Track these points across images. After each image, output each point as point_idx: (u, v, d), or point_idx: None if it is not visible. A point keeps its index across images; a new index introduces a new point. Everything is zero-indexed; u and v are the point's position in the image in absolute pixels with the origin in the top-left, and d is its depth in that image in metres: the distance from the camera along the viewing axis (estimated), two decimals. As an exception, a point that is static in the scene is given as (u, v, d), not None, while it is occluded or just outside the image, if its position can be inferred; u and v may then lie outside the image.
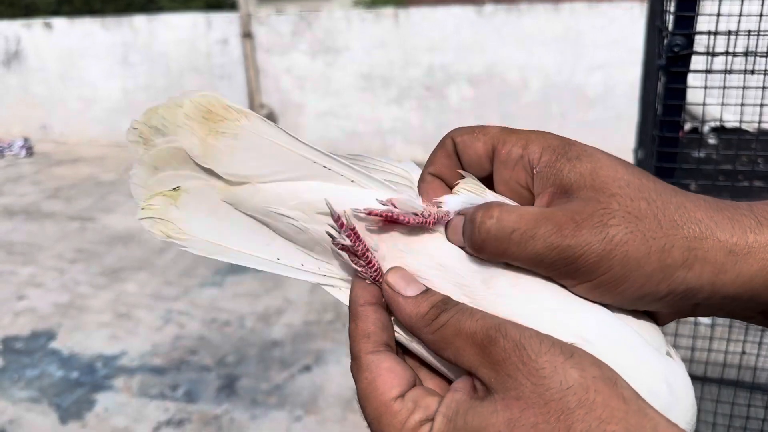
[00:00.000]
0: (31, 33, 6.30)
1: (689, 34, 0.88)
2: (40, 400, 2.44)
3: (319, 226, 0.39)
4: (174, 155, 0.39)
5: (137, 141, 0.39)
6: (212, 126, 0.38)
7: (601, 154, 0.35)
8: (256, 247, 0.40)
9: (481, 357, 0.33)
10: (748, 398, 1.32)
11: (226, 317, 2.95)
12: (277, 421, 2.27)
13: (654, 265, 0.33)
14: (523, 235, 0.34)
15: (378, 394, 0.34)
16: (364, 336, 0.36)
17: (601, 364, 0.32)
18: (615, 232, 0.33)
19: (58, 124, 6.53)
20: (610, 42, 4.70)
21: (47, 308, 3.11)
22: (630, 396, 0.31)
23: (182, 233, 0.40)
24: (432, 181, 0.40)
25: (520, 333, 0.32)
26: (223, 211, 0.40)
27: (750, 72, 0.92)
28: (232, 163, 0.39)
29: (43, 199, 4.77)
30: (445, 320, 0.34)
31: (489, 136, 0.38)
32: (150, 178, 0.40)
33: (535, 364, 0.31)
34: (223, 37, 5.54)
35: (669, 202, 0.34)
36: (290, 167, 0.39)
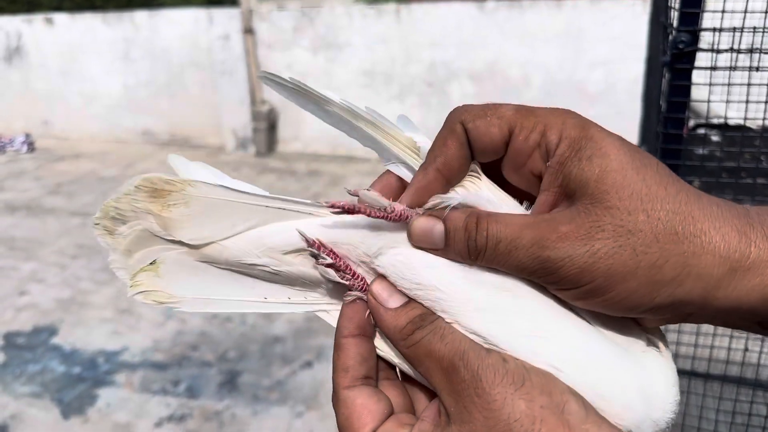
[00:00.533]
0: (32, 28, 6.29)
1: (694, 30, 0.88)
2: (42, 396, 2.44)
3: (290, 267, 0.41)
4: (140, 237, 0.42)
5: (104, 233, 0.42)
6: (162, 201, 0.41)
7: (616, 153, 0.34)
8: (242, 292, 0.43)
9: (445, 383, 0.34)
10: (751, 395, 1.32)
11: (228, 313, 2.95)
12: (279, 417, 2.27)
13: (641, 280, 0.33)
14: (508, 245, 0.34)
15: (353, 430, 0.36)
16: (343, 370, 0.38)
17: (551, 391, 0.32)
18: (600, 246, 0.32)
19: (60, 119, 6.52)
20: (612, 38, 4.69)
21: (49, 304, 3.11)
22: (575, 423, 0.31)
23: (172, 297, 0.42)
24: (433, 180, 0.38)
25: (479, 363, 0.33)
26: (201, 269, 0.43)
27: (755, 69, 0.91)
28: (191, 229, 0.42)
29: (45, 195, 4.78)
30: (419, 338, 0.36)
31: (504, 120, 0.37)
32: (128, 260, 0.43)
33: (488, 396, 0.32)
34: (225, 33, 5.53)
35: (675, 213, 0.33)
36: (245, 218, 0.42)
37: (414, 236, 0.38)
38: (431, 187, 0.38)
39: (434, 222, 0.37)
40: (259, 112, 5.50)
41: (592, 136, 0.34)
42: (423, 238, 0.37)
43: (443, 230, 0.37)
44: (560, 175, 0.35)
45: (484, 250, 0.35)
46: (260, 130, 5.54)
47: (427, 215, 0.38)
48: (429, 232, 0.37)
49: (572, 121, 0.35)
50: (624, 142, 0.35)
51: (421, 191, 0.38)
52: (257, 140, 5.59)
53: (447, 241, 0.37)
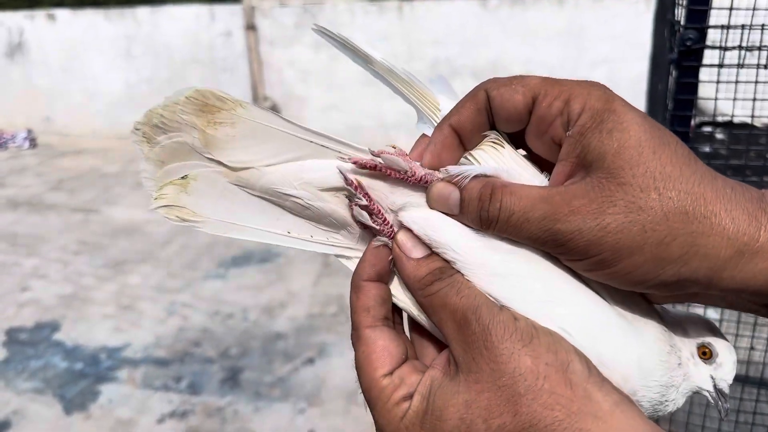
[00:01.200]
0: (34, 24, 6.29)
1: (702, 28, 0.88)
2: (45, 392, 2.44)
3: (323, 203, 0.41)
4: (178, 149, 0.41)
5: (142, 141, 0.41)
6: (210, 117, 0.40)
7: (636, 129, 0.34)
8: (267, 223, 0.43)
9: (456, 334, 0.35)
10: (756, 394, 1.32)
11: (230, 310, 2.95)
12: (281, 414, 2.27)
13: (647, 256, 0.33)
14: (520, 218, 0.36)
15: (371, 369, 0.37)
16: (364, 310, 0.39)
17: (557, 350, 0.34)
18: (610, 221, 0.33)
19: (62, 116, 6.52)
20: (614, 37, 4.68)
21: (51, 300, 3.12)
22: (578, 381, 0.32)
23: (196, 216, 0.41)
24: (448, 136, 0.39)
25: (491, 318, 0.34)
26: (231, 193, 0.42)
27: (762, 66, 0.91)
28: (233, 151, 0.41)
29: (47, 191, 4.78)
30: (436, 290, 0.37)
31: (529, 88, 0.37)
32: (159, 171, 0.41)
33: (496, 350, 0.33)
34: (227, 30, 5.52)
35: (687, 193, 0.33)
36: (289, 149, 0.41)
37: (432, 200, 0.39)
38: (447, 143, 0.39)
39: (451, 189, 0.38)
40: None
41: (615, 110, 0.35)
42: (440, 204, 0.39)
43: (459, 198, 0.38)
44: (579, 145, 0.35)
45: (496, 221, 0.37)
46: (262, 127, 5.53)
47: (445, 181, 0.39)
48: (446, 198, 0.38)
49: (597, 93, 0.36)
50: (646, 119, 0.35)
51: (439, 148, 0.39)
52: (259, 137, 5.58)
53: (462, 209, 0.38)
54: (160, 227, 3.96)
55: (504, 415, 0.32)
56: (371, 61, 0.43)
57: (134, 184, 4.83)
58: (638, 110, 0.36)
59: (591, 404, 0.32)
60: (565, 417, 0.31)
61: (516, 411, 0.32)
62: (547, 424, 0.31)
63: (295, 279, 3.20)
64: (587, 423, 0.31)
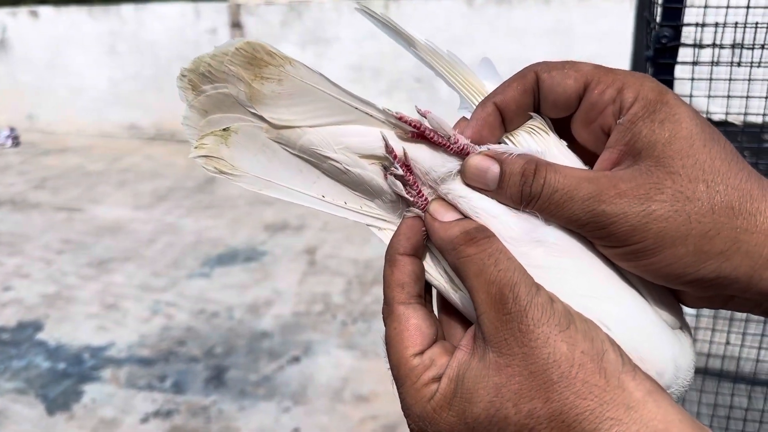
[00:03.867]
0: (16, 21, 6.22)
1: (677, 26, 0.89)
2: (27, 392, 2.42)
3: (361, 170, 0.41)
4: (222, 100, 0.41)
5: (187, 87, 0.41)
6: (257, 71, 0.40)
7: (688, 123, 0.34)
8: (303, 184, 0.42)
9: (489, 308, 0.34)
10: (732, 388, 1.34)
11: (215, 308, 2.94)
12: (266, 412, 2.27)
13: (689, 248, 0.33)
14: (563, 196, 0.35)
15: (401, 347, 0.37)
16: (399, 285, 0.38)
17: (593, 338, 0.33)
18: (656, 207, 0.33)
19: (45, 113, 6.46)
20: (601, 35, 4.71)
21: (34, 299, 3.09)
22: (612, 371, 0.32)
23: (234, 169, 0.41)
24: (491, 114, 0.39)
25: (529, 300, 0.33)
26: (270, 150, 0.42)
27: (737, 64, 0.92)
28: (277, 108, 0.41)
29: (30, 189, 4.73)
30: (471, 253, 0.35)
31: (581, 73, 0.37)
32: (200, 121, 0.41)
33: (531, 334, 0.32)
34: (212, 27, 5.49)
35: (734, 189, 0.34)
36: (333, 113, 0.41)
37: (468, 173, 0.38)
38: (489, 121, 0.38)
39: (490, 163, 0.37)
40: (247, 106, 5.48)
41: (667, 101, 0.35)
42: (476, 177, 0.38)
43: (498, 172, 0.37)
44: (629, 133, 0.35)
45: (537, 198, 0.36)
46: (248, 125, 5.52)
47: (485, 154, 0.38)
48: (483, 171, 0.37)
49: (650, 84, 0.36)
50: (697, 114, 0.35)
51: (481, 125, 0.39)
52: (245, 135, 5.56)
53: (501, 183, 0.37)
54: (144, 226, 3.93)
55: (534, 400, 0.32)
56: (414, 44, 0.43)
57: (118, 183, 4.80)
58: (689, 105, 0.36)
59: (624, 394, 0.31)
60: (597, 406, 0.31)
61: (547, 397, 0.31)
62: (579, 413, 0.31)
63: (281, 277, 3.20)
64: (619, 412, 0.31)
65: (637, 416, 0.31)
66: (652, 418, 0.30)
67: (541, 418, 0.32)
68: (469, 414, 0.34)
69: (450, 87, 0.44)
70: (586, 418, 0.31)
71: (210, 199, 4.36)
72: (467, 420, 0.34)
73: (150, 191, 4.58)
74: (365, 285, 3.08)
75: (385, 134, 0.40)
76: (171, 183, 4.75)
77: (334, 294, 3.01)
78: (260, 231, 3.78)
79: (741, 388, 1.41)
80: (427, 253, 0.41)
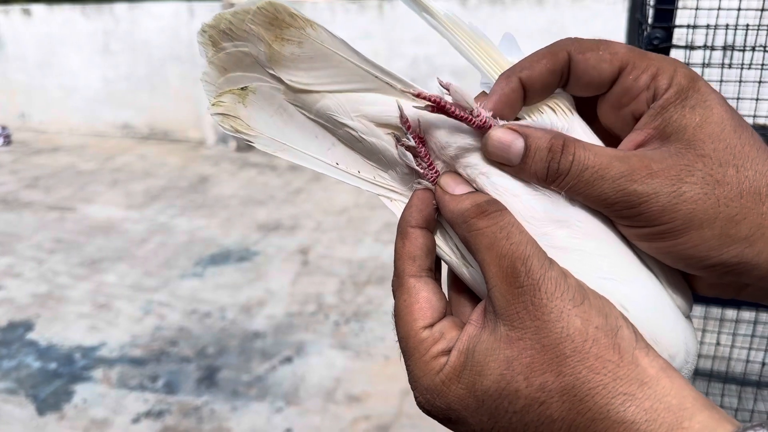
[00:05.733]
0: (9, 19, 6.18)
1: (668, 27, 0.89)
2: (17, 392, 2.41)
3: (376, 139, 0.41)
4: (242, 59, 0.41)
5: (207, 44, 0.41)
6: (278, 32, 0.39)
7: (719, 109, 0.35)
8: (317, 150, 0.42)
9: (500, 281, 0.33)
10: (722, 389, 1.34)
11: (207, 308, 2.93)
12: (258, 413, 2.26)
13: (716, 231, 0.33)
14: (594, 174, 0.34)
15: (411, 319, 0.37)
16: (410, 258, 0.38)
17: (608, 314, 0.33)
18: (687, 189, 0.33)
19: (38, 112, 6.42)
20: (593, 36, 4.71)
21: (25, 299, 3.07)
22: (626, 347, 0.32)
23: (249, 129, 0.41)
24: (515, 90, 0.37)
25: (541, 274, 0.33)
26: (287, 113, 0.42)
27: (728, 66, 0.92)
28: (296, 72, 0.40)
29: (22, 189, 4.70)
30: (483, 226, 0.35)
31: (617, 57, 0.36)
32: (219, 78, 0.41)
33: (544, 308, 0.32)
34: (206, 26, 5.47)
35: (762, 175, 0.34)
36: (352, 79, 0.40)
37: (489, 147, 0.37)
38: (512, 97, 0.37)
39: (514, 137, 0.36)
40: (241, 106, 5.47)
41: (699, 88, 0.35)
42: (498, 152, 0.36)
43: (523, 147, 0.36)
44: (660, 117, 0.35)
45: (565, 174, 0.35)
46: (242, 125, 5.50)
47: (508, 128, 0.37)
48: (507, 145, 0.36)
49: (684, 70, 0.36)
50: (726, 102, 0.36)
51: (503, 99, 0.37)
52: (239, 135, 5.55)
53: (525, 158, 0.36)
54: (136, 225, 3.92)
55: (546, 374, 0.31)
56: (434, 15, 0.42)
57: (111, 182, 4.78)
58: (719, 93, 0.36)
59: (637, 370, 0.31)
60: (610, 381, 0.31)
61: (560, 371, 0.31)
62: (591, 387, 0.31)
63: (274, 278, 3.19)
64: (632, 388, 0.30)
65: (650, 392, 0.30)
66: (666, 394, 0.30)
67: (553, 391, 0.31)
68: (478, 387, 0.33)
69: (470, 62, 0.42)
70: (599, 393, 0.31)
71: (203, 199, 4.35)
72: (476, 393, 0.34)
73: (142, 191, 4.56)
74: (358, 285, 3.07)
75: (402, 104, 0.39)
76: (164, 182, 4.73)
77: (326, 294, 3.00)
78: (253, 231, 3.77)
79: (731, 389, 1.42)
80: (438, 228, 0.40)
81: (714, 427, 0.30)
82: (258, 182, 4.66)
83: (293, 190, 4.41)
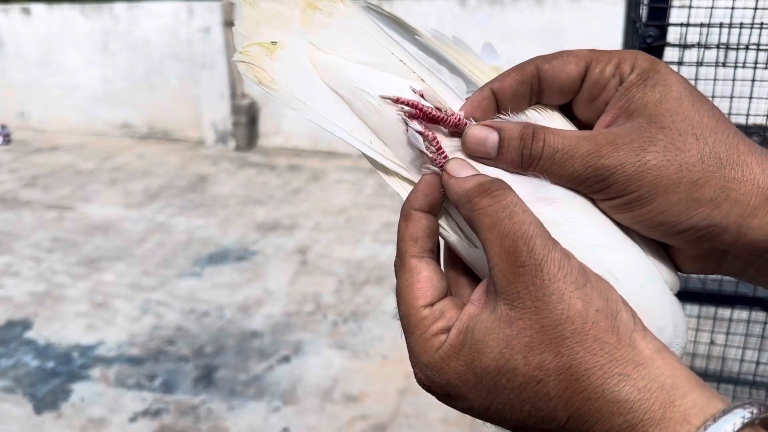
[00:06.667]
0: (8, 18, 6.19)
1: (662, 25, 0.89)
2: (15, 390, 2.41)
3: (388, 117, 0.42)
4: (275, 16, 0.43)
5: (246, 1, 0.43)
6: (312, 1, 0.43)
7: (678, 86, 0.37)
8: (335, 115, 0.43)
9: (502, 261, 0.34)
10: (716, 388, 1.34)
11: (205, 308, 2.93)
12: (255, 412, 2.26)
13: (681, 195, 0.35)
14: (564, 155, 0.37)
15: (412, 298, 0.38)
16: (412, 239, 0.39)
17: (608, 297, 0.34)
18: (651, 158, 0.35)
19: (37, 111, 6.42)
20: (592, 36, 4.72)
21: (23, 297, 3.07)
22: (624, 330, 0.33)
23: (272, 82, 0.42)
24: (486, 98, 0.40)
25: (544, 254, 0.33)
26: (311, 74, 0.43)
27: (721, 65, 0.92)
28: (324, 37, 0.43)
29: (21, 188, 4.70)
30: (486, 205, 0.36)
31: (581, 57, 0.39)
32: (251, 30, 0.43)
33: (546, 289, 0.33)
34: (205, 26, 5.48)
35: (721, 142, 0.36)
36: (374, 55, 0.43)
37: (467, 143, 0.40)
38: (484, 104, 0.40)
39: (489, 131, 0.39)
40: (240, 105, 5.47)
41: (660, 70, 0.38)
42: (476, 147, 0.39)
43: (497, 139, 0.39)
44: (623, 98, 0.38)
45: (538, 159, 0.38)
46: (240, 124, 5.51)
47: (482, 124, 0.40)
48: (483, 140, 0.39)
49: (644, 56, 0.39)
50: (686, 81, 0.38)
51: (475, 104, 0.40)
52: (237, 134, 5.55)
53: (500, 149, 0.39)
54: (135, 225, 3.92)
55: (545, 353, 0.32)
56: (419, 34, 0.45)
57: (110, 181, 4.78)
58: (680, 74, 0.38)
59: (634, 352, 0.32)
60: (606, 362, 0.32)
61: (558, 351, 0.32)
62: (588, 368, 0.32)
63: (272, 277, 3.19)
64: (628, 369, 0.31)
65: (645, 372, 0.31)
66: (660, 374, 0.31)
67: (551, 370, 0.32)
68: (478, 364, 0.34)
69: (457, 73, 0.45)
70: (595, 373, 0.32)
71: (201, 198, 4.35)
72: (475, 369, 0.35)
73: (141, 190, 4.56)
74: (356, 285, 3.08)
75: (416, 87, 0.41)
76: (162, 182, 4.73)
77: (325, 294, 3.00)
78: (252, 230, 3.77)
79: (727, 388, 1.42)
80: (444, 211, 0.41)
81: (705, 405, 0.31)
82: (257, 182, 4.66)
83: (292, 190, 4.41)
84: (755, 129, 1.12)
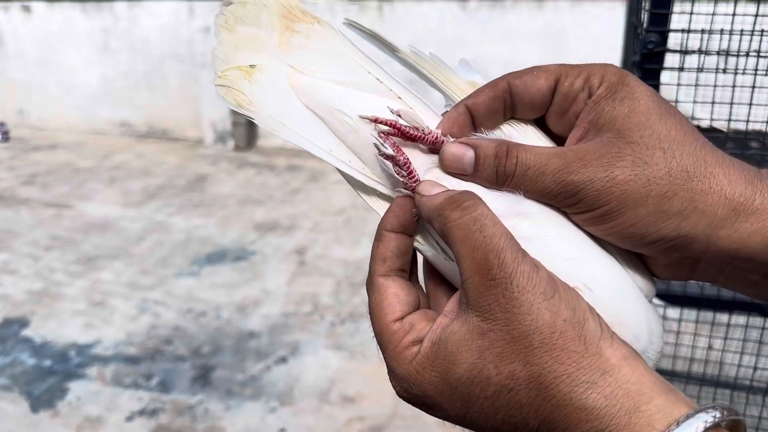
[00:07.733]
0: (8, 16, 6.18)
1: (663, 31, 0.89)
2: (11, 389, 2.41)
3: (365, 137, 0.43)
4: (253, 40, 0.44)
5: (223, 26, 0.44)
6: (289, 24, 0.44)
7: (646, 99, 0.38)
8: (314, 135, 0.44)
9: (473, 273, 0.35)
10: (714, 393, 1.35)
11: (203, 307, 2.93)
12: (252, 412, 2.26)
13: (650, 208, 0.36)
14: (536, 171, 0.38)
15: (382, 314, 0.39)
16: (381, 259, 0.41)
17: (576, 307, 0.35)
18: (619, 173, 0.36)
19: (36, 109, 6.42)
20: (592, 39, 4.73)
21: (21, 295, 3.07)
22: (591, 338, 0.34)
23: (251, 104, 0.43)
24: (462, 114, 0.42)
25: (514, 267, 0.34)
26: (289, 96, 0.44)
27: (722, 70, 0.93)
28: (302, 58, 0.44)
29: (19, 185, 4.70)
30: (457, 218, 0.37)
31: (551, 71, 0.40)
32: (230, 54, 0.44)
33: (515, 301, 0.34)
34: (206, 25, 5.47)
35: (689, 155, 0.37)
36: (349, 73, 0.44)
37: (445, 160, 0.41)
38: (460, 120, 0.42)
39: (465, 149, 0.40)
40: (240, 105, 5.46)
41: (628, 83, 0.39)
42: (453, 163, 0.41)
43: (473, 156, 0.40)
44: (593, 112, 0.39)
45: (512, 175, 0.39)
46: (240, 124, 5.50)
47: (459, 142, 0.41)
48: (460, 157, 0.40)
49: (613, 69, 0.40)
50: (655, 93, 0.39)
51: (451, 121, 0.42)
52: (237, 134, 5.55)
53: (476, 166, 0.40)
54: (133, 224, 3.91)
55: (515, 363, 0.34)
56: (398, 51, 0.46)
57: (108, 180, 4.77)
58: (649, 86, 0.39)
59: (600, 360, 0.33)
60: (574, 371, 0.33)
61: (527, 361, 0.33)
62: (556, 376, 0.33)
63: (270, 277, 3.19)
64: (595, 376, 0.33)
65: (611, 379, 0.33)
66: (626, 381, 0.33)
67: (521, 379, 0.34)
68: (452, 374, 0.36)
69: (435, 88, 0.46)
70: (563, 381, 0.33)
71: (200, 198, 4.35)
72: (449, 380, 0.36)
73: (140, 189, 4.55)
74: (354, 286, 3.07)
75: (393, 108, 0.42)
76: (161, 181, 4.73)
77: (323, 295, 3.00)
78: (250, 230, 3.77)
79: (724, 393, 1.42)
80: (421, 228, 0.42)
81: (670, 410, 0.32)
82: (256, 182, 4.66)
83: (291, 190, 4.41)
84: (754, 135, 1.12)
